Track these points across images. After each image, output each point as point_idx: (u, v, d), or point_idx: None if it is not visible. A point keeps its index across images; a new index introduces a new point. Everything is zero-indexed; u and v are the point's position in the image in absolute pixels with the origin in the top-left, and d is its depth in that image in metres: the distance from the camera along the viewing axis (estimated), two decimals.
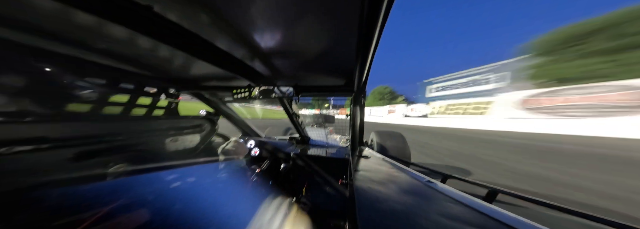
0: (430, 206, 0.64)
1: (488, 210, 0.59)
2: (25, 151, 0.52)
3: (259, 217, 1.03)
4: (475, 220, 0.54)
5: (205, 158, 1.06)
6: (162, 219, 0.64)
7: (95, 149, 0.69)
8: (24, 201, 0.46)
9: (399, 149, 2.29)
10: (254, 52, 0.80)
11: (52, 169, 0.57)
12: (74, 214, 0.48)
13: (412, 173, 1.00)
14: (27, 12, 0.44)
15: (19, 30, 0.51)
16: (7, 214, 0.43)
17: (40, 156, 0.56)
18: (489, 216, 0.56)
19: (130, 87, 0.94)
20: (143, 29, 0.51)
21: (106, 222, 0.51)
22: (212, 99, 1.55)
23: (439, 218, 0.54)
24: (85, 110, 0.74)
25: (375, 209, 0.58)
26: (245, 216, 0.96)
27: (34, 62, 0.60)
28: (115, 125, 0.83)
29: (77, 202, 0.51)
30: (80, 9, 0.41)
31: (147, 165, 0.77)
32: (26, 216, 0.44)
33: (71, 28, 0.53)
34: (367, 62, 0.77)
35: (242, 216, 0.95)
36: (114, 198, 0.55)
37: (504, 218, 0.54)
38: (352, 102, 1.44)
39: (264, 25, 0.59)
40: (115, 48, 0.68)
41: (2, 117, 0.51)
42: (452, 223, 0.52)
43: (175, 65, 0.90)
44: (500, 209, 0.60)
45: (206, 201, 0.81)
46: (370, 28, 0.50)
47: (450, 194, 0.70)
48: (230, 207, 0.91)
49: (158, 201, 0.68)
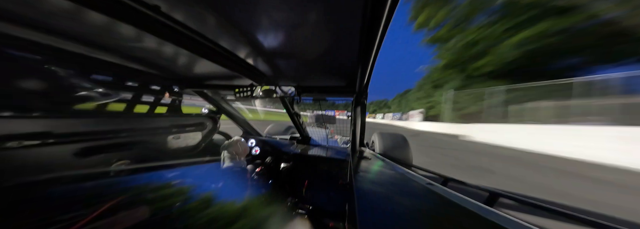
0: (431, 208, 0.63)
1: (489, 214, 0.58)
2: (32, 145, 0.53)
3: (258, 217, 1.03)
4: (475, 223, 0.54)
5: (206, 156, 1.06)
6: (163, 217, 0.65)
7: (100, 145, 0.70)
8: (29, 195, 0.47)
9: (400, 151, 2.28)
10: (257, 52, 0.81)
11: (58, 164, 0.58)
12: (76, 209, 0.48)
13: (413, 174, 1.00)
14: (39, 11, 0.45)
15: (31, 28, 0.52)
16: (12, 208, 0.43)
17: (47, 151, 0.57)
18: (489, 219, 0.55)
19: (136, 84, 0.95)
20: (150, 28, 0.52)
21: (108, 218, 0.51)
22: (215, 98, 1.56)
23: (440, 221, 0.54)
24: (92, 107, 0.75)
25: (376, 211, 0.58)
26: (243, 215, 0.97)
27: (43, 60, 0.61)
28: (120, 122, 0.84)
29: (80, 197, 0.52)
30: (91, 8, 0.42)
31: (149, 162, 0.77)
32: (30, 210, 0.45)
33: (81, 26, 0.53)
34: (369, 64, 0.77)
35: (241, 215, 0.95)
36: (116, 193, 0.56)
37: (505, 222, 0.54)
38: (353, 103, 1.44)
39: (268, 25, 0.59)
40: (123, 46, 0.69)
41: (11, 112, 0.52)
42: (452, 226, 0.52)
43: (180, 63, 0.91)
44: (501, 213, 0.59)
45: (205, 200, 0.82)
46: (373, 29, 0.50)
47: (451, 197, 0.70)
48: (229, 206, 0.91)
49: (158, 198, 0.68)
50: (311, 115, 2.14)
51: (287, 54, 0.81)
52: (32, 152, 0.54)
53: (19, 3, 0.42)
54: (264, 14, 0.53)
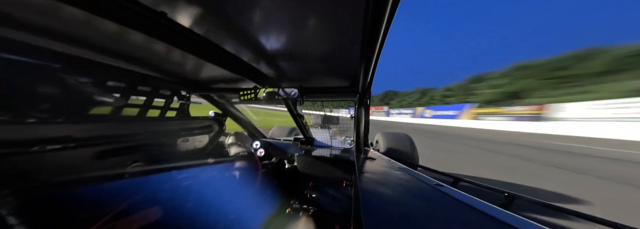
0: (441, 210, 0.61)
1: (505, 216, 0.55)
2: (54, 149, 0.56)
3: (263, 217, 1.04)
4: (491, 227, 0.51)
5: (213, 158, 1.08)
6: (174, 217, 0.67)
7: (116, 148, 0.73)
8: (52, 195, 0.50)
9: (405, 151, 2.26)
10: (261, 55, 0.82)
11: (78, 167, 0.61)
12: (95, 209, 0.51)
13: (420, 175, 0.98)
14: (54, 20, 0.48)
15: (48, 37, 0.55)
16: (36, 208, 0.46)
17: (68, 155, 0.60)
18: (506, 223, 0.52)
19: (146, 89, 0.98)
20: (157, 34, 0.54)
21: (123, 218, 0.53)
22: (220, 101, 1.58)
23: (450, 224, 0.52)
24: (107, 112, 0.78)
25: (381, 212, 0.57)
26: (250, 215, 0.98)
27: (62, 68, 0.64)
28: (134, 126, 0.86)
29: (96, 199, 0.54)
30: (102, 17, 0.44)
31: (161, 164, 0.80)
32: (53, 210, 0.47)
33: (94, 34, 0.56)
34: (372, 63, 0.77)
35: (248, 216, 0.97)
36: (130, 195, 0.58)
37: (522, 226, 0.51)
38: (356, 103, 1.44)
39: (271, 28, 0.61)
40: (133, 53, 0.72)
41: (30, 119, 0.55)
42: (465, 228, 0.50)
43: (186, 68, 0.93)
44: (518, 216, 0.56)
45: (213, 200, 0.84)
46: (375, 29, 0.50)
47: (462, 198, 0.67)
48: (236, 206, 0.93)
49: (170, 199, 0.71)
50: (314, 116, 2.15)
51: (290, 55, 0.82)
52: (54, 156, 0.57)
53: (37, 13, 0.45)
54: (267, 17, 0.54)
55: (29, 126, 0.54)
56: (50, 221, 0.46)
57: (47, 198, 0.48)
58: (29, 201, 0.46)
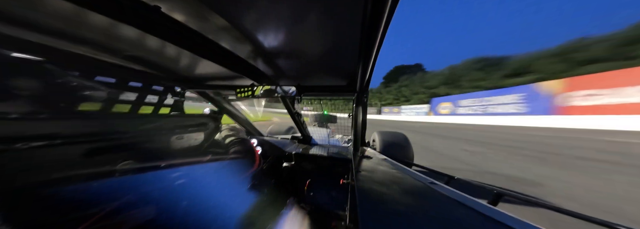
0: (434, 208, 0.63)
1: (493, 213, 0.58)
2: (36, 147, 0.54)
3: (260, 216, 1.04)
4: (479, 223, 0.53)
5: (209, 156, 1.07)
6: (167, 216, 0.66)
7: (106, 145, 0.71)
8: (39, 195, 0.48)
9: (401, 150, 2.28)
10: (258, 52, 0.81)
11: (65, 165, 0.59)
12: (84, 209, 0.49)
13: (415, 173, 1.00)
14: (41, 13, 0.46)
15: (32, 30, 0.53)
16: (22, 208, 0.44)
17: (55, 152, 0.58)
18: (493, 219, 0.55)
19: (138, 85, 0.96)
20: (151, 28, 0.52)
21: (114, 218, 0.52)
22: (216, 98, 1.56)
23: (443, 221, 0.54)
24: (95, 108, 0.76)
25: (377, 210, 0.58)
26: (246, 214, 0.98)
27: (49, 62, 0.62)
28: (125, 122, 0.85)
29: (86, 198, 0.53)
30: (92, 10, 0.43)
31: (153, 162, 0.78)
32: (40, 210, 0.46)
33: (84, 28, 0.54)
34: (370, 62, 0.77)
35: (244, 214, 0.96)
36: (121, 194, 0.57)
37: (509, 222, 0.53)
38: (354, 102, 1.44)
39: (268, 25, 0.60)
40: (125, 47, 0.70)
41: (14, 115, 0.53)
42: (455, 225, 0.52)
43: (181, 64, 0.91)
44: (506, 212, 0.59)
45: (208, 199, 0.83)
46: (373, 28, 0.50)
47: (454, 196, 0.69)
48: (232, 205, 0.92)
49: (163, 197, 0.69)
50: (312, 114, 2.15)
51: (287, 53, 0.81)
52: (40, 153, 0.55)
53: (22, 6, 0.43)
54: (265, 14, 0.53)
55: (13, 122, 0.52)
56: (37, 221, 0.45)
57: (33, 198, 0.46)
58: (15, 200, 0.44)
